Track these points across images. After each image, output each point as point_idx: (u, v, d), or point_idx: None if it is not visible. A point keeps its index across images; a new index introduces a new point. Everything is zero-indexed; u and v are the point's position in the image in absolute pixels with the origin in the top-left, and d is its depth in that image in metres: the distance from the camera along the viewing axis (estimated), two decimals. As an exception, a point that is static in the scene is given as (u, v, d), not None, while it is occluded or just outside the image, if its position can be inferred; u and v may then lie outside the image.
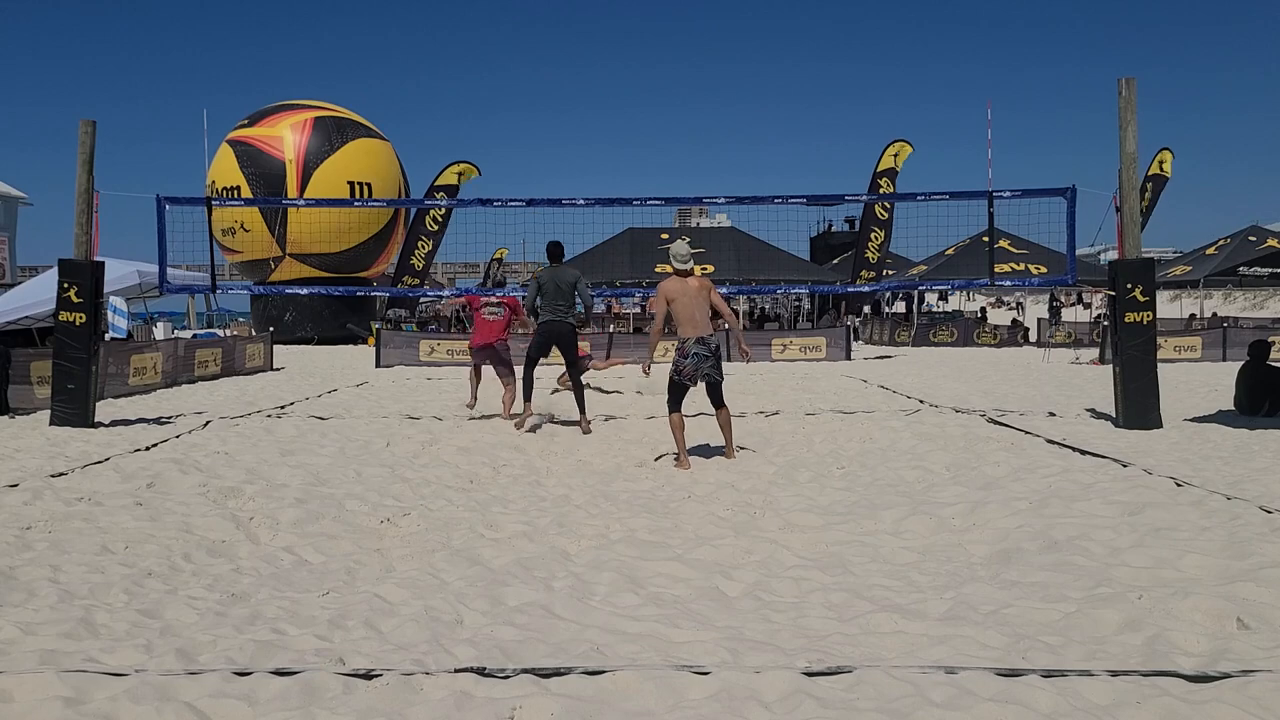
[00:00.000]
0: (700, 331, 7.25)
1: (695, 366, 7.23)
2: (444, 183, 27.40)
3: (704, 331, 7.26)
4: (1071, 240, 10.54)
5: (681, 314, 7.25)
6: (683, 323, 7.26)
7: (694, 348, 7.20)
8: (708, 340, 7.24)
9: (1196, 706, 2.90)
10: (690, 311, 7.24)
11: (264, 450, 8.24)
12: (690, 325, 7.24)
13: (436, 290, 32.90)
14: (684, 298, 7.26)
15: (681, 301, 7.26)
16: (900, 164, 24.98)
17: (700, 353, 7.21)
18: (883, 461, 7.54)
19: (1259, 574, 4.16)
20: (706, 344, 7.23)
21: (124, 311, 19.34)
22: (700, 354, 7.20)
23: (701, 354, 7.21)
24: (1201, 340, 21.50)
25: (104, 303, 12.78)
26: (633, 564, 4.67)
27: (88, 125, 10.23)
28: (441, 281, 48.68)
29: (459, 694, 3.06)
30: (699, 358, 7.21)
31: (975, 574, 4.50)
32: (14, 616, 3.82)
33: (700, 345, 7.22)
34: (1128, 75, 9.76)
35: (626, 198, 11.41)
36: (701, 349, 7.22)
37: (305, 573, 4.61)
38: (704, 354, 7.22)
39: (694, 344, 7.21)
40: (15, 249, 42.36)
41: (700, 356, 7.21)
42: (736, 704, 2.98)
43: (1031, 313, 42.69)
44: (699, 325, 7.25)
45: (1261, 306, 47.06)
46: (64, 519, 5.53)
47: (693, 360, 7.21)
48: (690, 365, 7.23)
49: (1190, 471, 6.84)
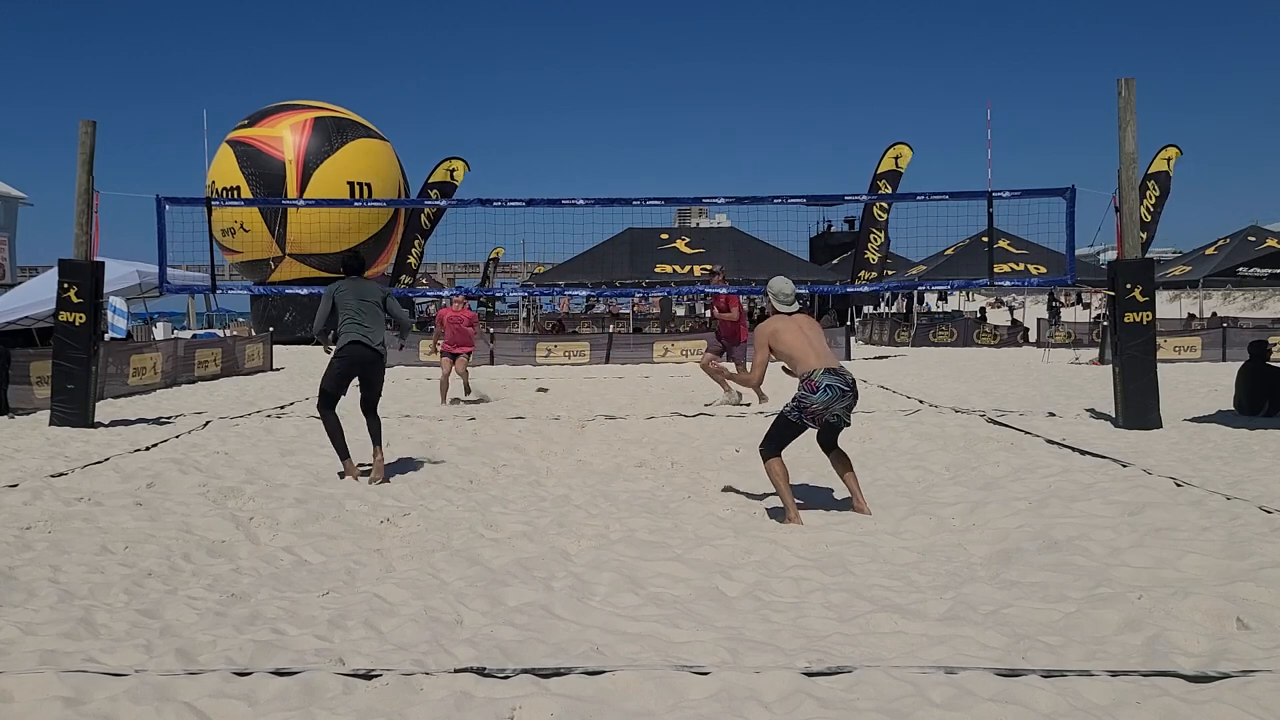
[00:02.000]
0: (830, 362, 5.81)
1: (827, 404, 5.71)
2: (437, 180, 27.40)
3: (834, 363, 5.83)
4: (1071, 240, 10.55)
5: (797, 345, 5.85)
6: (802, 354, 5.83)
7: (825, 379, 5.69)
8: (842, 372, 5.79)
9: (1196, 706, 2.90)
10: (808, 342, 5.88)
11: (264, 450, 8.24)
12: (814, 356, 5.82)
13: (436, 290, 32.89)
14: (793, 330, 5.92)
15: (792, 333, 5.90)
16: (904, 166, 24.96)
17: (835, 385, 5.70)
18: (882, 461, 7.54)
19: (1259, 574, 4.16)
20: (842, 376, 5.76)
21: (124, 311, 19.35)
22: (835, 387, 5.70)
23: (837, 387, 5.70)
24: (1201, 340, 21.50)
25: (104, 303, 12.78)
26: (633, 564, 4.67)
27: (88, 125, 10.23)
28: (441, 281, 48.69)
29: (459, 694, 3.06)
30: (834, 392, 5.69)
31: (975, 574, 4.50)
32: (14, 616, 3.82)
33: (834, 376, 5.72)
34: (1127, 75, 9.78)
35: (626, 198, 11.43)
36: (836, 381, 5.71)
37: (305, 573, 4.61)
38: (840, 387, 5.71)
39: (824, 374, 5.71)
40: (15, 249, 42.36)
41: (836, 391, 5.70)
42: (736, 704, 2.98)
43: (1031, 313, 42.68)
44: (825, 356, 5.85)
45: (1261, 306, 47.08)
46: (64, 519, 5.53)
47: (824, 395, 5.68)
48: (821, 401, 5.69)
49: (1190, 471, 6.84)
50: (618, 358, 21.50)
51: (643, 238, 27.37)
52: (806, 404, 5.75)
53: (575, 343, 22.23)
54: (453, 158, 26.94)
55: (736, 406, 11.20)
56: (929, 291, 37.43)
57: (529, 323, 36.48)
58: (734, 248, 27.70)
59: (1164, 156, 26.80)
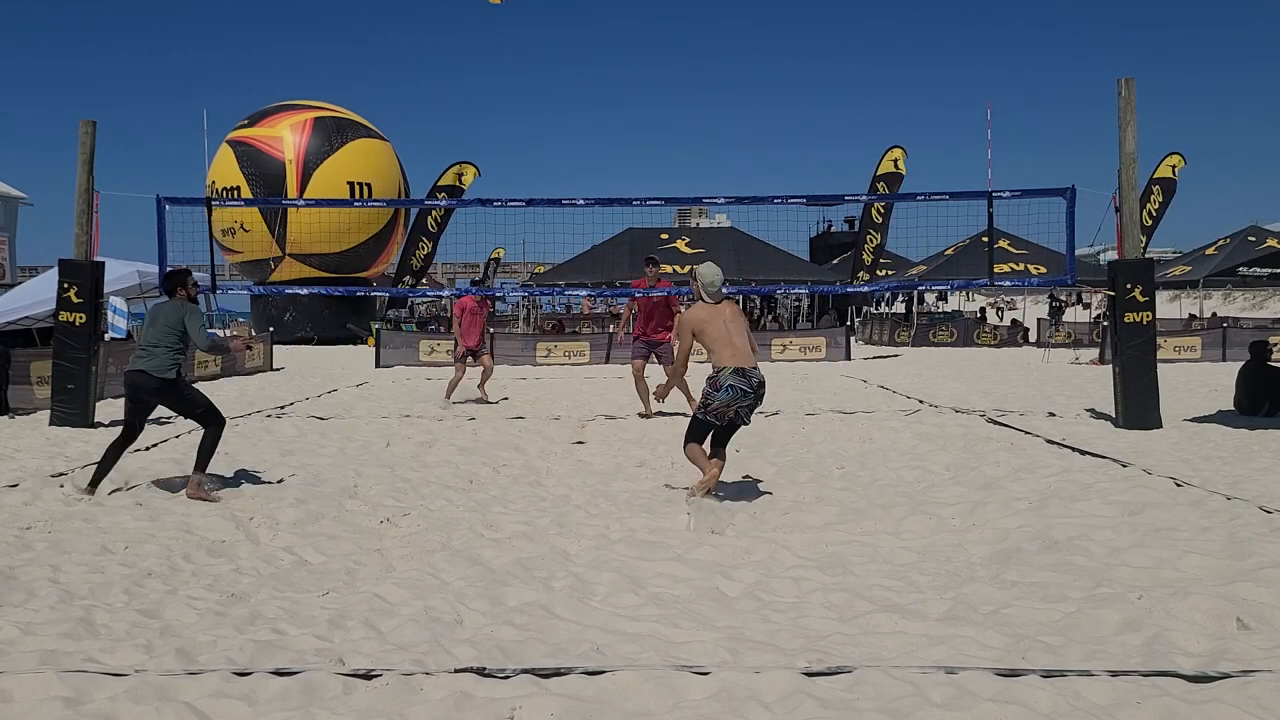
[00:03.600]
0: (741, 361, 5.93)
1: (728, 403, 5.89)
2: (445, 183, 27.41)
3: (746, 362, 5.95)
4: (1071, 240, 10.54)
5: (717, 338, 5.97)
6: (718, 348, 5.96)
7: (730, 379, 5.87)
8: (749, 373, 5.93)
9: (1196, 706, 2.90)
10: (727, 336, 5.98)
11: (264, 450, 8.24)
12: (730, 352, 5.95)
13: (436, 290, 32.88)
14: (716, 322, 6.02)
15: (715, 324, 6.01)
16: (903, 167, 24.97)
17: (739, 386, 5.87)
18: (882, 462, 7.54)
19: (1259, 574, 4.16)
20: (748, 377, 5.91)
21: (124, 311, 19.31)
22: (737, 388, 5.87)
23: (740, 389, 5.87)
24: (1201, 340, 21.49)
25: (104, 303, 12.78)
26: (633, 564, 4.67)
27: (88, 125, 10.23)
28: (441, 281, 48.71)
29: (459, 694, 3.06)
30: (735, 393, 5.86)
31: (975, 574, 4.50)
32: (14, 616, 3.82)
33: (739, 377, 5.88)
34: (1127, 75, 9.78)
35: (626, 198, 11.44)
36: (740, 382, 5.88)
37: (305, 573, 4.61)
38: (743, 389, 5.88)
39: (730, 374, 5.88)
40: (15, 249, 42.33)
41: (738, 392, 5.87)
42: (736, 704, 2.98)
43: (1031, 313, 42.66)
44: (740, 354, 5.96)
45: (1261, 306, 47.06)
46: (64, 519, 5.53)
47: (725, 395, 5.86)
48: (722, 400, 5.88)
49: (1190, 471, 6.85)
50: (618, 358, 21.48)
51: (643, 238, 27.38)
52: (709, 402, 5.95)
53: (575, 343, 22.23)
54: (463, 162, 26.96)
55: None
56: (929, 291, 37.40)
57: (529, 322, 36.47)
58: (734, 248, 27.73)
59: (1169, 164, 26.83)
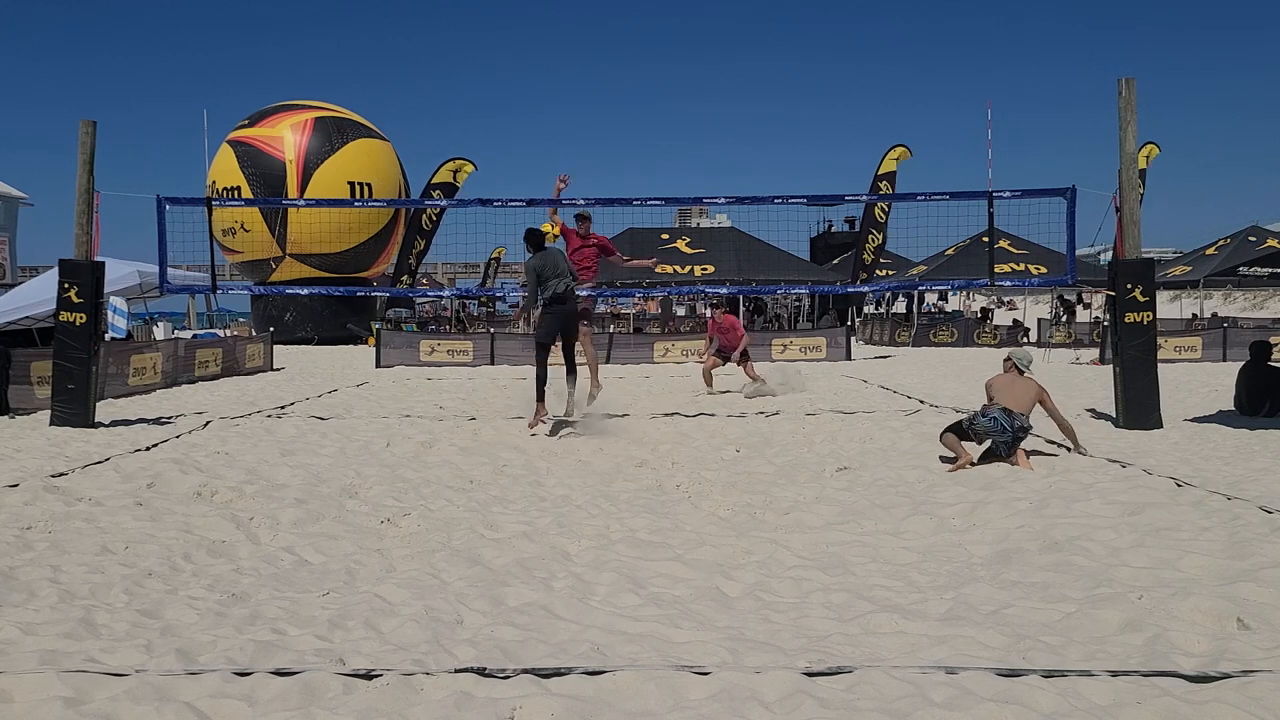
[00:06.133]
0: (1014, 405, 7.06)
1: (987, 429, 7.02)
2: (440, 180, 27.34)
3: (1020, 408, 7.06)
4: (1071, 240, 10.54)
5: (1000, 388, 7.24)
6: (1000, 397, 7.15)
7: (995, 411, 7.01)
8: (1015, 415, 6.99)
9: (1197, 707, 2.90)
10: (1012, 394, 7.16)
11: (264, 450, 8.24)
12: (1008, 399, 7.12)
13: (436, 290, 32.88)
14: (1008, 389, 7.20)
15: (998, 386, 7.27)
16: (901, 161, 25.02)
17: (1000, 422, 6.97)
18: (883, 462, 7.54)
19: (1259, 574, 4.16)
20: (1012, 417, 6.98)
21: (124, 311, 19.32)
22: (999, 423, 6.98)
23: (1000, 424, 6.97)
24: (1201, 340, 21.49)
25: (104, 303, 12.77)
26: (633, 564, 4.67)
27: (88, 125, 10.23)
28: (441, 281, 48.70)
29: (459, 694, 3.06)
30: (996, 424, 6.98)
31: (975, 574, 4.50)
32: (14, 616, 3.82)
33: (1005, 416, 6.99)
34: (1128, 75, 9.78)
35: (626, 198, 11.40)
36: (1005, 419, 6.98)
37: (305, 573, 4.61)
38: (1002, 425, 6.97)
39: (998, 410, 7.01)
40: (15, 249, 42.31)
41: (998, 426, 6.98)
42: (737, 704, 2.98)
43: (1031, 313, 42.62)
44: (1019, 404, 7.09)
45: (1261, 306, 47.04)
46: (64, 519, 5.53)
47: (987, 421, 7.02)
48: (983, 425, 7.03)
49: (1190, 472, 6.84)
50: (618, 358, 21.49)
51: (643, 238, 27.35)
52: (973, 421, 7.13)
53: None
54: (458, 158, 26.90)
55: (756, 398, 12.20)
56: (929, 291, 37.41)
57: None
58: (734, 248, 27.69)
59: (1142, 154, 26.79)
